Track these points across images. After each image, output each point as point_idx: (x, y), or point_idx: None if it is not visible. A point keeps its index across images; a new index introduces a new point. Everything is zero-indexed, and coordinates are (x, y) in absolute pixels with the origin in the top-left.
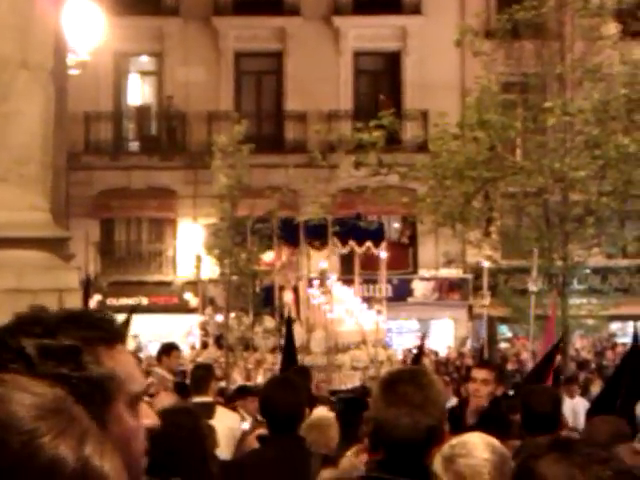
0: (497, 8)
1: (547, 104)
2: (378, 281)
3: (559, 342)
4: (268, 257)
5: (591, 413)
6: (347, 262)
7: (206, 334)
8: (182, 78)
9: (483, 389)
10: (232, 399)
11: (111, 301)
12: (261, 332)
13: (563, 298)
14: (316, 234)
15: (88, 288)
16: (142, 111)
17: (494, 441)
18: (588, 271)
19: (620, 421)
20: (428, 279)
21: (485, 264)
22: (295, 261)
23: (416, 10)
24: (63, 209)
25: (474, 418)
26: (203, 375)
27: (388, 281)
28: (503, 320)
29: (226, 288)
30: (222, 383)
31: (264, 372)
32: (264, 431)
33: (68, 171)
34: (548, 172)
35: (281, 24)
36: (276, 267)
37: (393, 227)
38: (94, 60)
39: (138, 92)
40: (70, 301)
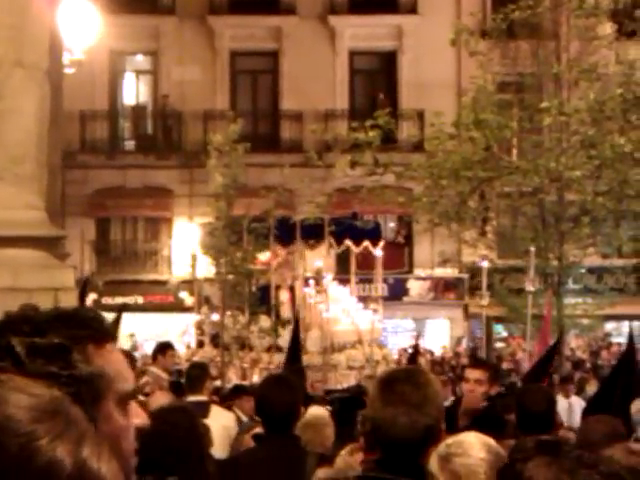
0: (493, 8)
1: (543, 104)
2: (374, 280)
3: (557, 342)
4: (264, 256)
5: (587, 413)
6: (343, 261)
7: (202, 333)
8: (178, 77)
9: (477, 389)
10: (227, 398)
11: (106, 300)
12: (257, 331)
13: (558, 298)
14: (312, 233)
15: (86, 287)
16: (138, 110)
17: (490, 441)
18: (583, 271)
19: (615, 421)
20: (424, 278)
21: (484, 264)
22: (291, 260)
23: (412, 9)
24: (58, 208)
25: (466, 418)
26: (198, 374)
27: (384, 280)
28: (498, 320)
29: (222, 287)
30: (217, 382)
31: (260, 371)
32: (260, 430)
33: (63, 170)
34: (544, 172)
35: (277, 23)
36: (272, 266)
37: (389, 226)
38: (89, 59)
39: (134, 91)
40: (66, 300)
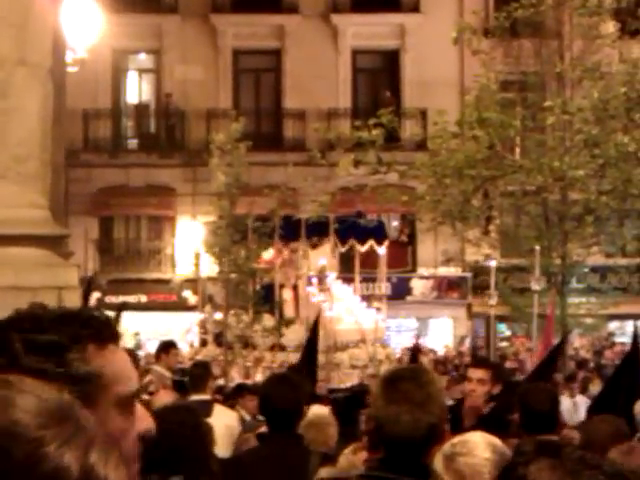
0: (495, 6)
1: (546, 103)
2: (378, 279)
3: (561, 342)
4: (268, 255)
5: (591, 412)
6: (346, 260)
7: (205, 332)
8: (181, 76)
9: (479, 389)
10: (230, 397)
11: (110, 299)
12: (260, 330)
13: (562, 297)
14: (316, 232)
15: (90, 286)
16: (141, 109)
17: (495, 440)
18: (587, 270)
19: (619, 420)
20: (427, 277)
21: (492, 263)
22: (295, 259)
23: (414, 8)
24: (62, 207)
25: (472, 418)
26: (201, 373)
27: (387, 279)
28: (502, 319)
29: (225, 286)
30: (220, 381)
31: (263, 370)
32: (264, 429)
33: (67, 168)
34: (547, 171)
35: (280, 22)
36: (276, 265)
37: (392, 225)
38: (92, 57)
39: (136, 90)
40: (69, 298)
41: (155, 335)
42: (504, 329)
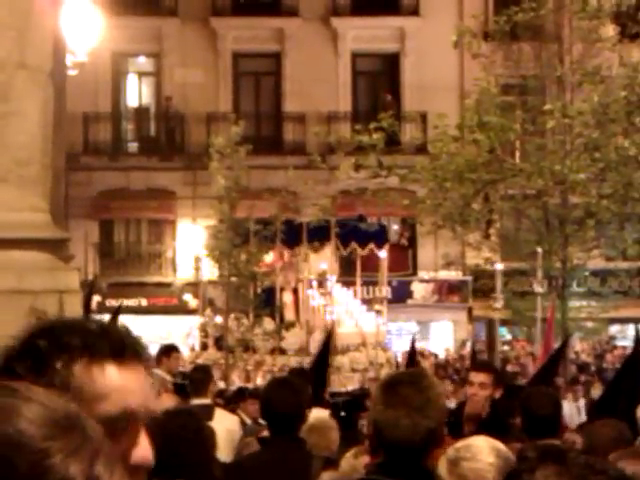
0: (495, 10)
1: (546, 106)
2: (378, 282)
3: (563, 346)
4: (268, 258)
5: (592, 416)
6: (347, 264)
7: (206, 335)
8: (180, 79)
9: (481, 393)
10: (232, 401)
11: (110, 302)
12: (261, 334)
13: (563, 301)
14: (318, 236)
15: (92, 290)
16: (141, 112)
17: (500, 445)
18: (587, 274)
19: (622, 424)
20: (427, 281)
21: (498, 267)
22: (295, 263)
23: (414, 11)
24: (62, 210)
25: (472, 424)
26: (202, 377)
27: (387, 283)
28: (502, 322)
29: (226, 289)
30: (221, 384)
31: (263, 374)
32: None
33: (67, 172)
34: (548, 174)
35: (279, 25)
36: (277, 269)
37: (392, 229)
38: (92, 61)
39: (136, 93)
40: (70, 302)
41: (155, 339)
42: (505, 332)
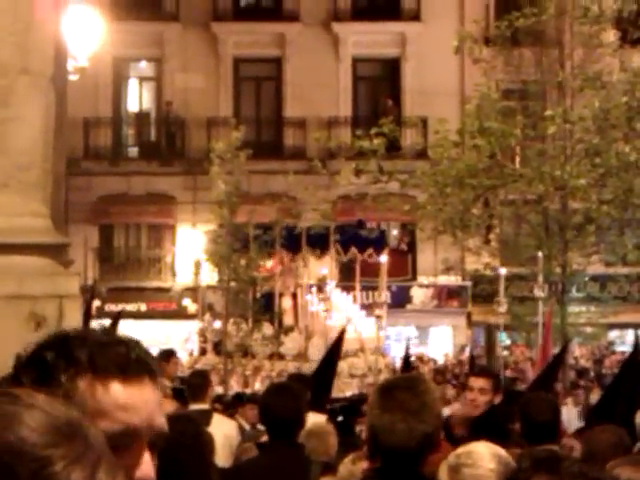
0: (496, 15)
1: (547, 112)
2: (378, 288)
3: (562, 351)
4: (268, 263)
5: (590, 421)
6: (346, 269)
7: (204, 340)
8: (181, 84)
9: (480, 398)
10: (230, 406)
11: (110, 307)
12: (259, 339)
13: (562, 306)
14: (318, 241)
15: (93, 295)
16: (141, 117)
17: (500, 451)
18: (587, 279)
19: (621, 430)
20: (427, 286)
21: (502, 271)
22: (295, 268)
23: (415, 16)
24: (62, 215)
25: (463, 428)
26: (200, 383)
27: (387, 288)
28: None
29: (225, 294)
30: (219, 389)
31: (262, 379)
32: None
33: (67, 177)
34: (548, 180)
35: (280, 30)
36: (276, 274)
37: (392, 234)
38: (93, 66)
39: (137, 98)
40: (70, 307)
41: (154, 343)
42: (504, 337)
